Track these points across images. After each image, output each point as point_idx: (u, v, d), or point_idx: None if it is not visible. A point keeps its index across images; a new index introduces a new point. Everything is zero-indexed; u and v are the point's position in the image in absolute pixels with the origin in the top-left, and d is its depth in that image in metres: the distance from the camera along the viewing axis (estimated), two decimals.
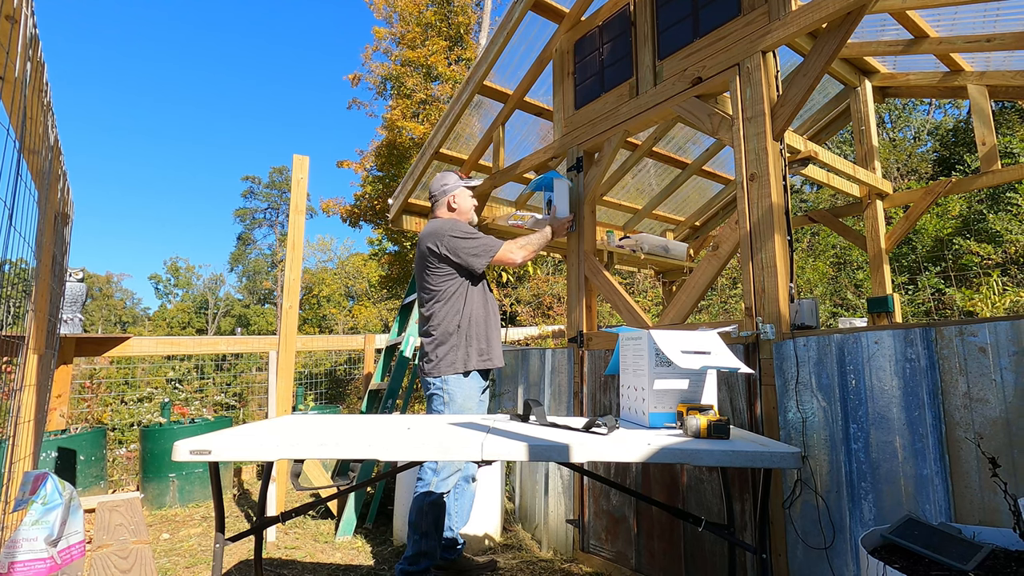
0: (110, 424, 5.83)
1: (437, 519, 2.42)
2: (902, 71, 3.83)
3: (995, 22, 3.01)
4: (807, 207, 11.01)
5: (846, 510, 1.83)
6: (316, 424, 1.98)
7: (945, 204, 7.79)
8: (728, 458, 1.45)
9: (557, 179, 3.03)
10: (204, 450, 1.49)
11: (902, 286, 7.38)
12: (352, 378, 8.98)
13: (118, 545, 2.28)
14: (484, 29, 12.96)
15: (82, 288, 4.28)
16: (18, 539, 1.86)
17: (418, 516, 2.41)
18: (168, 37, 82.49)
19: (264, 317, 35.35)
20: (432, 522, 2.40)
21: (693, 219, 5.40)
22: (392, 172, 11.71)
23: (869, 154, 3.83)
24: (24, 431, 2.27)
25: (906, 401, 1.72)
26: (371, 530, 3.46)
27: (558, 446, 1.49)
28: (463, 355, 2.51)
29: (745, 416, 2.15)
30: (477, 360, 2.54)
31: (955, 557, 1.27)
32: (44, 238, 2.49)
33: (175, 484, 4.08)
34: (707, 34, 2.53)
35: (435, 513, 2.42)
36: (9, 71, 1.47)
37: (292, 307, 3.80)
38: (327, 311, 22.35)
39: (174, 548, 3.21)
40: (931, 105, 12.43)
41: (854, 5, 2.00)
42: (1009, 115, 9.48)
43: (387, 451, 1.51)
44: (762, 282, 2.14)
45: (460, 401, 2.48)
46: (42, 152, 2.20)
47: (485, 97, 3.95)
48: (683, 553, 2.32)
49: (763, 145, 2.20)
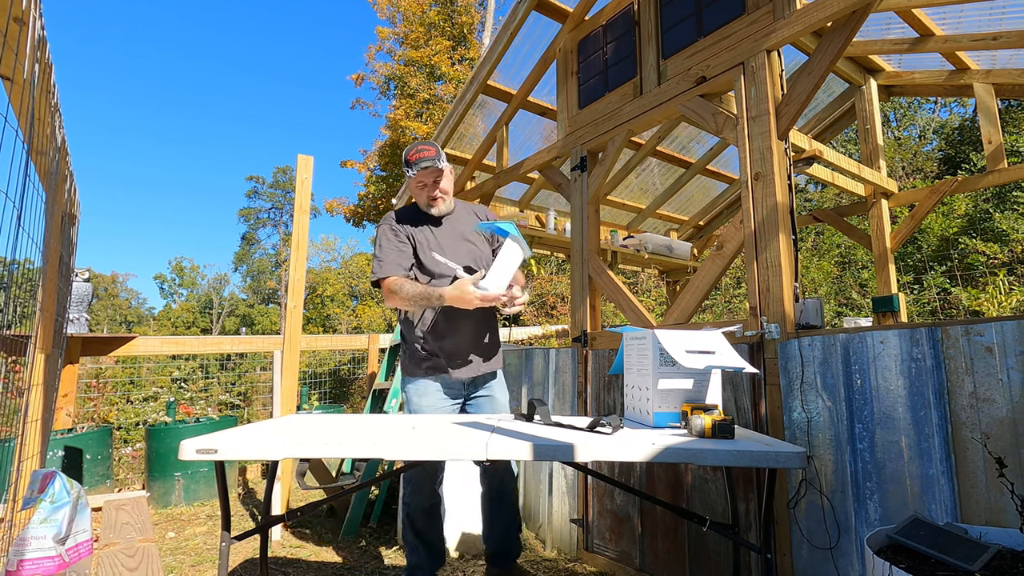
0: (116, 423, 5.86)
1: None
2: (907, 69, 3.81)
3: (1001, 20, 2.99)
4: (812, 206, 10.97)
5: (851, 510, 1.82)
6: (320, 423, 1.99)
7: (951, 203, 7.75)
8: (733, 458, 1.45)
9: (510, 236, 2.10)
10: (210, 449, 1.50)
11: (907, 285, 7.35)
12: (356, 378, 8.99)
13: (125, 543, 2.30)
14: (487, 29, 12.97)
15: (88, 288, 4.31)
16: (27, 537, 1.87)
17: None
18: (173, 38, 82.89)
19: (268, 317, 35.46)
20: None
21: (697, 218, 5.39)
22: (395, 172, 11.73)
23: (874, 153, 3.81)
24: (32, 430, 2.28)
25: (912, 401, 1.72)
26: (375, 529, 3.47)
27: (562, 445, 1.49)
28: (407, 360, 2.39)
29: (750, 416, 2.15)
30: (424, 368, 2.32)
31: (961, 557, 1.27)
32: (51, 238, 2.51)
33: (180, 483, 4.10)
34: (711, 33, 2.53)
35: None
36: (18, 73, 1.48)
37: (296, 307, 3.82)
38: (331, 311, 22.39)
39: (180, 546, 3.22)
40: (937, 104, 12.37)
41: (859, 3, 1.99)
42: (1016, 113, 9.42)
43: (391, 451, 1.52)
44: (767, 281, 2.14)
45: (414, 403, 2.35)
46: (49, 153, 2.21)
47: (489, 97, 3.95)
48: (687, 553, 2.31)
49: (767, 144, 2.20)
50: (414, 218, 2.36)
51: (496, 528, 2.46)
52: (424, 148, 2.24)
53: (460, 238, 2.37)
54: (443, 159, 2.26)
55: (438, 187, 2.28)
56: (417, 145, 2.26)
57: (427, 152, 2.21)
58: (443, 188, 2.30)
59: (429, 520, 2.35)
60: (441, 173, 2.27)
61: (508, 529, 2.45)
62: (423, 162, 2.19)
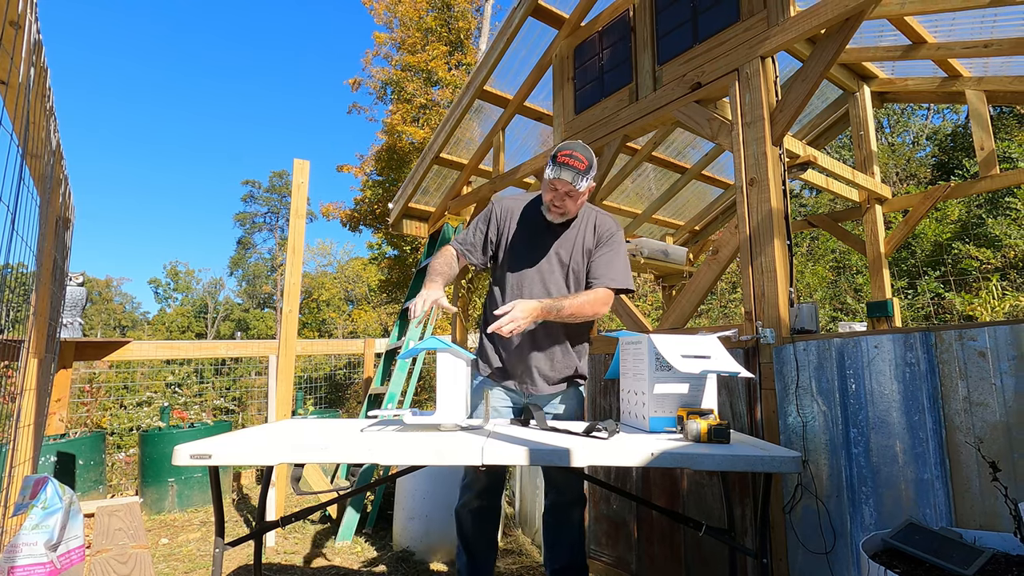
0: (109, 428, 5.82)
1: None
2: (900, 76, 3.85)
3: (992, 28, 3.03)
4: (806, 211, 11.02)
5: (847, 514, 1.82)
6: (316, 428, 1.98)
7: (944, 209, 7.80)
8: (728, 462, 1.45)
9: (439, 352, 1.78)
10: (204, 454, 1.49)
11: (902, 290, 7.39)
12: (352, 382, 8.96)
13: (117, 550, 2.28)
14: (484, 34, 13.01)
15: (82, 292, 4.28)
16: (18, 543, 1.85)
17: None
18: (169, 42, 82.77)
19: (264, 321, 35.33)
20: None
21: (693, 223, 5.41)
22: (392, 176, 11.73)
23: (868, 159, 3.84)
24: (24, 435, 2.26)
25: (906, 405, 1.72)
26: (371, 535, 3.45)
27: (559, 450, 1.48)
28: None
29: (745, 420, 2.15)
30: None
31: (956, 562, 1.27)
32: (45, 242, 2.49)
33: (174, 489, 4.07)
34: (706, 39, 2.54)
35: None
36: (13, 76, 1.48)
37: (292, 311, 3.81)
38: (327, 315, 22.33)
39: (173, 553, 3.20)
40: (930, 110, 12.47)
41: (852, 11, 2.01)
42: (1007, 120, 9.51)
43: (387, 455, 1.51)
44: (762, 286, 2.14)
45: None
46: (44, 157, 2.21)
47: (485, 102, 3.96)
48: (683, 558, 2.31)
49: (762, 150, 2.21)
50: (534, 213, 2.13)
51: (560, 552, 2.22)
52: (579, 157, 1.91)
53: (563, 245, 2.11)
54: (588, 179, 1.96)
55: (566, 200, 1.99)
56: (574, 148, 1.93)
57: (578, 163, 1.90)
58: (568, 206, 2.01)
59: (476, 525, 2.17)
60: (576, 192, 1.97)
61: (573, 549, 2.21)
62: (565, 171, 1.89)
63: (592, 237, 2.12)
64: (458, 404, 1.77)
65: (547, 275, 2.09)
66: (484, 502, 2.16)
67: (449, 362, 1.76)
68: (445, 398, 1.76)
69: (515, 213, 2.15)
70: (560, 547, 2.20)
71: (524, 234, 2.12)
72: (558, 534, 2.20)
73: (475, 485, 2.16)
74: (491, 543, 2.22)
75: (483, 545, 2.19)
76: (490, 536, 2.22)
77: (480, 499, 2.16)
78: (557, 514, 2.20)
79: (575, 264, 2.10)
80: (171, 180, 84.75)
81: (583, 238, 2.11)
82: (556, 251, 2.10)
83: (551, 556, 2.21)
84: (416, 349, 1.84)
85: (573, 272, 2.10)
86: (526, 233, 2.12)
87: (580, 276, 2.11)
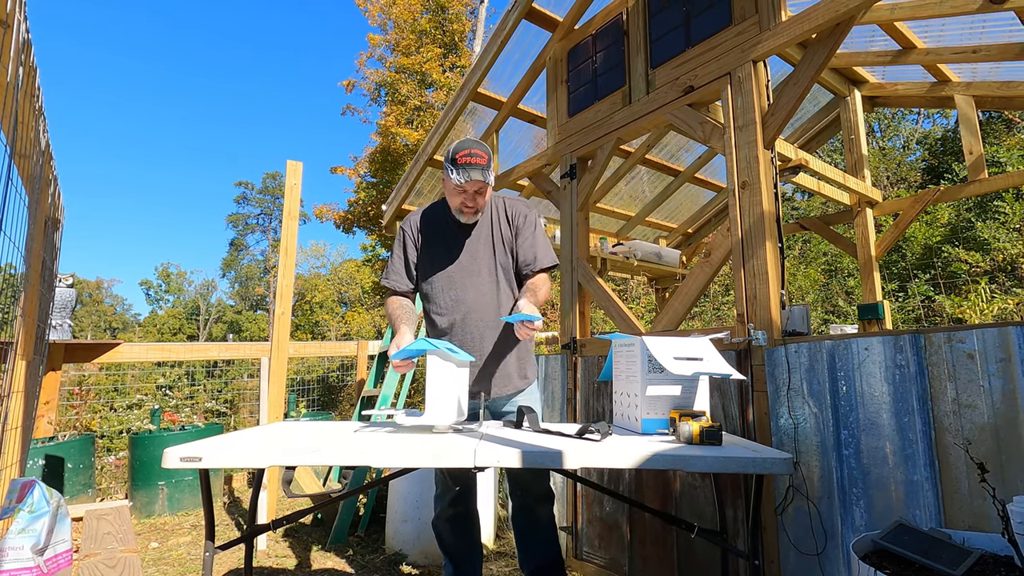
0: (99, 431, 5.76)
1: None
2: (891, 81, 3.89)
3: (981, 34, 3.06)
4: (798, 215, 11.10)
5: (838, 516, 1.83)
6: (308, 431, 1.97)
7: (934, 212, 7.88)
8: (720, 464, 1.45)
9: (428, 353, 1.76)
10: (194, 457, 1.48)
11: (892, 293, 7.45)
12: (345, 385, 8.93)
13: (106, 554, 2.26)
14: (478, 37, 13.03)
15: (72, 294, 4.25)
16: (4, 547, 1.83)
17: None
18: (162, 42, 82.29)
19: (256, 323, 35.14)
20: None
21: (686, 226, 5.43)
22: (386, 178, 11.72)
23: (859, 163, 3.87)
24: (11, 438, 2.24)
25: (896, 407, 1.74)
26: (363, 538, 3.43)
27: (551, 452, 1.48)
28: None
29: (737, 422, 2.16)
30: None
31: (945, 562, 1.28)
32: (34, 243, 2.47)
33: (164, 492, 4.03)
34: (699, 43, 2.56)
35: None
36: (1, 76, 1.47)
37: (284, 313, 3.79)
38: (320, 317, 22.23)
39: (163, 557, 3.17)
40: (920, 115, 12.59)
41: (843, 16, 2.03)
42: (996, 125, 9.62)
43: (380, 458, 1.51)
44: (754, 289, 2.15)
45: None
46: (33, 157, 2.19)
47: (479, 104, 3.97)
48: (676, 560, 2.31)
49: (754, 153, 2.22)
50: (438, 218, 2.18)
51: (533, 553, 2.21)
52: (478, 154, 1.93)
53: (479, 240, 2.15)
54: (492, 172, 1.99)
55: (477, 198, 2.02)
56: (471, 146, 1.94)
57: (480, 160, 1.92)
58: (480, 203, 2.05)
59: (453, 533, 2.20)
60: (486, 187, 2.00)
61: (547, 547, 2.20)
62: (473, 171, 1.91)
63: (508, 226, 2.16)
64: (449, 405, 1.77)
65: (471, 271, 2.13)
66: (458, 509, 2.19)
67: (438, 364, 1.76)
68: (435, 399, 1.76)
69: (421, 223, 2.20)
70: (535, 548, 2.20)
71: (437, 239, 2.17)
72: (533, 535, 2.20)
73: (447, 494, 2.19)
74: (474, 546, 2.24)
75: (466, 551, 2.21)
76: (471, 541, 2.24)
77: (454, 507, 2.18)
78: (528, 515, 2.20)
79: (500, 255, 2.15)
80: (163, 181, 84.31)
81: (500, 228, 2.16)
82: (475, 247, 2.14)
83: (526, 558, 2.21)
84: (407, 351, 1.84)
85: (500, 264, 2.14)
86: (438, 238, 2.16)
87: (507, 265, 2.16)
